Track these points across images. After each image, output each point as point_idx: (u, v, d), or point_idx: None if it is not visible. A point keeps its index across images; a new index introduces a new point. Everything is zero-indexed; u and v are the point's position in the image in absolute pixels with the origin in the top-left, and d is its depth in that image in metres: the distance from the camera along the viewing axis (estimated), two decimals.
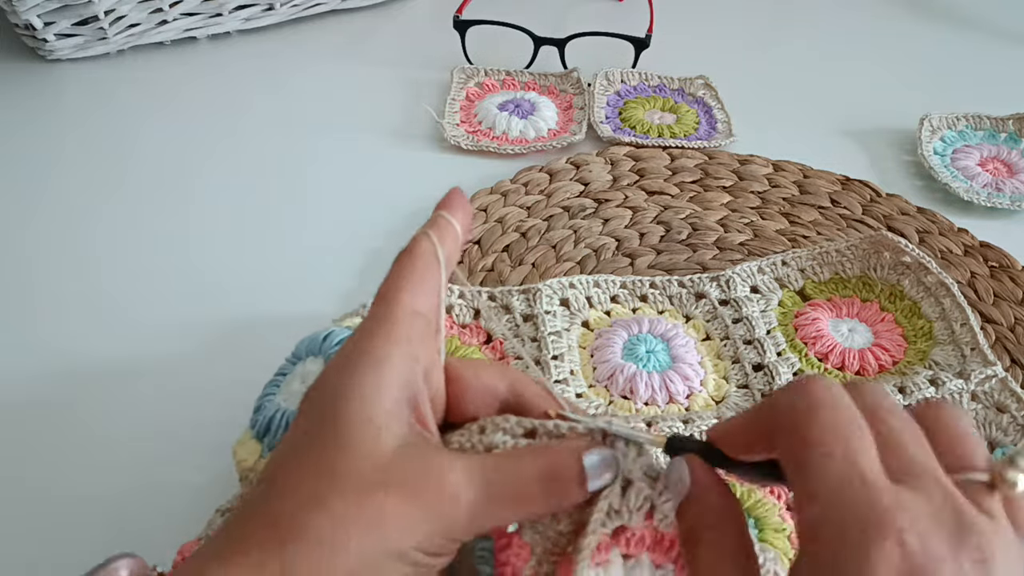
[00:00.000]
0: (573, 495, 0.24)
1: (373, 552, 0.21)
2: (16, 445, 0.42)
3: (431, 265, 0.27)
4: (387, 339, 0.24)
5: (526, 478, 0.24)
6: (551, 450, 0.25)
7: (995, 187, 0.58)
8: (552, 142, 0.62)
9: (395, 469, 0.22)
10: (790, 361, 0.45)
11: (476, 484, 0.23)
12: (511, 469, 0.24)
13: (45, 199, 0.57)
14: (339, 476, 0.22)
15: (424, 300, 0.26)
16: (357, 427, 0.23)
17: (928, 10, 0.82)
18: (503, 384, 0.27)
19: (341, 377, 0.24)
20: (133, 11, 0.69)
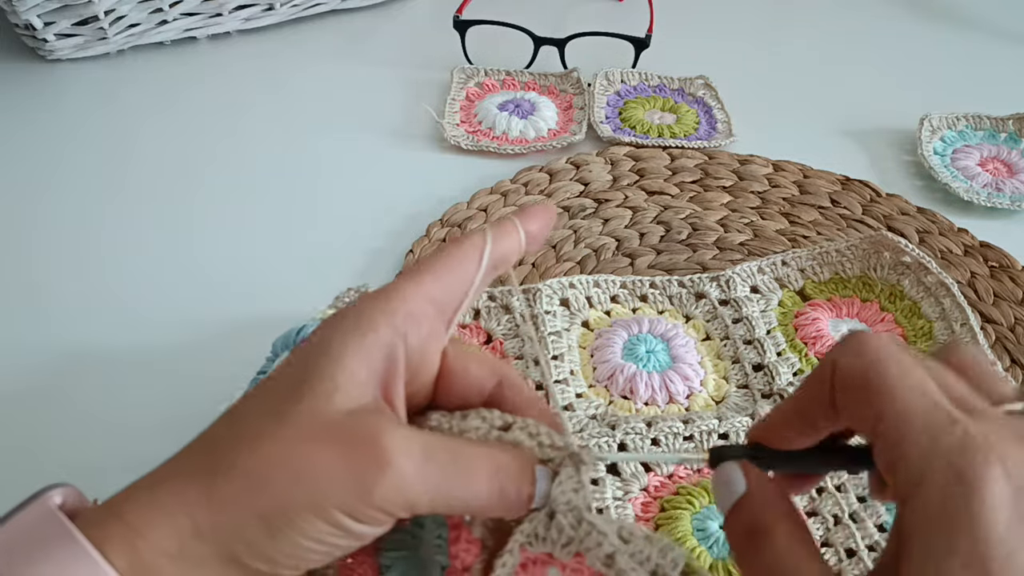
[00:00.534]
0: (518, 509, 0.24)
1: (292, 501, 0.21)
2: (16, 442, 0.42)
3: (468, 259, 0.26)
4: (382, 311, 0.24)
5: (473, 468, 0.23)
6: (511, 450, 0.24)
7: (995, 187, 0.58)
8: (552, 142, 0.62)
9: (336, 427, 0.22)
10: (790, 361, 0.45)
11: (414, 457, 0.22)
12: (459, 454, 0.23)
13: (45, 199, 0.57)
14: (282, 421, 0.22)
15: (444, 289, 0.26)
16: (317, 381, 0.23)
17: (928, 10, 0.82)
18: (491, 381, 0.27)
19: (325, 332, 0.24)
20: (133, 11, 0.69)
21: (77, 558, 0.20)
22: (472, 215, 0.55)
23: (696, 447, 0.41)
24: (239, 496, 0.21)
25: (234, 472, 0.22)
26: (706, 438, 0.41)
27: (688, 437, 0.41)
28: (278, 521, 0.21)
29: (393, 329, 0.24)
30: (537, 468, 0.24)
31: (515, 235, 0.27)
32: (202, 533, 0.21)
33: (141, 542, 0.21)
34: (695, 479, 0.39)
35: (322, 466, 0.22)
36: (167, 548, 0.21)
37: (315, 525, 0.21)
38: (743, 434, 0.41)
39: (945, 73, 0.72)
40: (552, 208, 0.29)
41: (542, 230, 0.28)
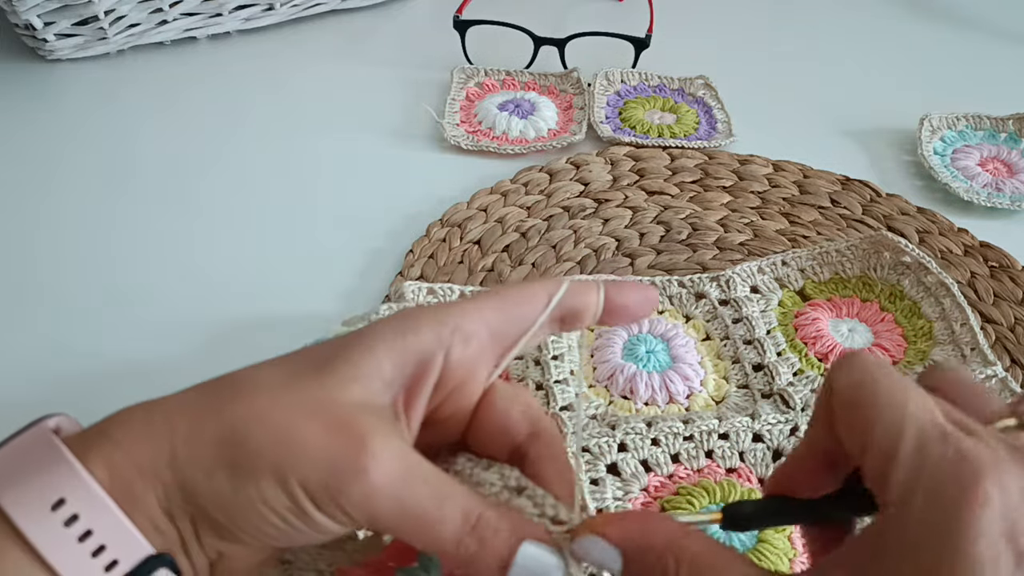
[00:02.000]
0: (486, 570, 0.22)
1: (262, 460, 0.21)
2: None
3: (536, 299, 0.25)
4: (432, 319, 0.24)
5: (447, 511, 0.22)
6: (496, 509, 0.23)
7: (995, 187, 0.58)
8: (552, 142, 0.62)
9: (335, 413, 0.22)
10: (790, 361, 0.45)
11: (391, 473, 0.21)
12: (439, 489, 0.22)
13: (45, 199, 0.57)
14: (290, 388, 0.23)
15: (503, 320, 0.25)
16: (341, 363, 0.23)
17: (928, 10, 0.82)
18: (526, 429, 0.26)
19: (374, 325, 0.24)
20: (133, 11, 0.69)
21: (60, 470, 0.21)
22: (472, 215, 0.55)
23: (696, 446, 0.41)
24: (218, 440, 0.22)
25: (221, 415, 0.22)
26: (706, 438, 0.41)
27: (688, 437, 0.41)
28: (243, 475, 0.21)
29: (437, 337, 0.24)
30: (525, 544, 0.22)
31: (593, 296, 0.26)
32: (175, 461, 0.22)
33: (120, 457, 0.22)
34: (695, 479, 0.40)
35: (304, 441, 0.22)
36: (141, 466, 0.22)
37: (275, 493, 0.21)
38: (743, 434, 0.41)
39: (945, 73, 0.72)
40: (653, 292, 0.27)
41: (632, 307, 0.27)
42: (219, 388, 0.23)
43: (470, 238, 0.53)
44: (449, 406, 0.25)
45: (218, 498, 0.22)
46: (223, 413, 0.22)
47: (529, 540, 0.22)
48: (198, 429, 0.22)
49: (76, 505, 0.21)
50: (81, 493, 0.21)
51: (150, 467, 0.22)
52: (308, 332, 0.39)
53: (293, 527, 0.22)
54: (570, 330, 0.27)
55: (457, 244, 0.53)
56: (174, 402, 0.23)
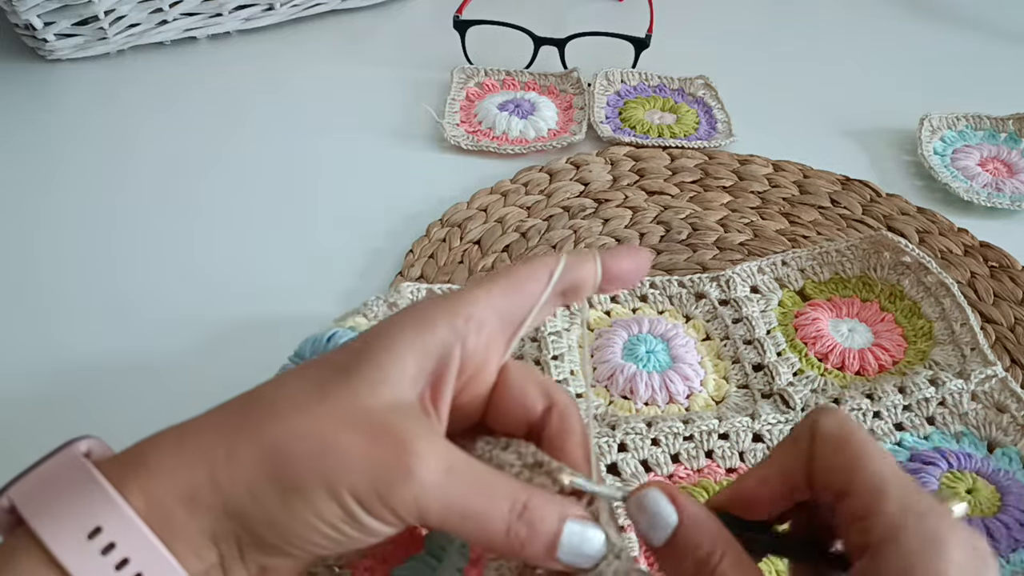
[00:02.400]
0: (535, 553, 0.23)
1: (309, 474, 0.21)
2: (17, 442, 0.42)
3: (536, 278, 0.26)
4: (445, 312, 0.24)
5: (495, 501, 0.23)
6: (538, 493, 0.23)
7: (995, 187, 0.58)
8: (552, 142, 0.62)
9: (373, 418, 0.22)
10: (790, 361, 0.45)
11: (438, 471, 0.22)
12: (484, 480, 0.23)
13: (45, 199, 0.57)
14: (322, 398, 0.23)
15: (510, 302, 0.25)
16: (366, 367, 0.23)
17: (928, 10, 0.82)
18: (542, 404, 0.26)
19: (384, 325, 0.24)
20: (133, 11, 0.69)
21: (95, 498, 0.21)
22: (472, 215, 0.55)
23: (696, 446, 0.41)
24: (260, 458, 0.22)
25: (260, 434, 0.22)
26: (706, 438, 0.41)
27: (688, 437, 0.41)
28: (291, 490, 0.21)
29: (453, 330, 0.24)
30: (569, 522, 0.23)
31: (590, 266, 0.27)
32: (217, 485, 0.21)
33: (157, 484, 0.21)
34: (695, 479, 0.40)
35: (347, 451, 0.22)
36: (181, 494, 0.21)
37: (327, 505, 0.22)
38: (743, 434, 0.41)
39: (945, 73, 0.72)
40: (645, 254, 0.28)
41: (627, 273, 0.27)
42: (248, 407, 0.23)
43: (470, 238, 0.53)
44: (467, 392, 0.26)
45: (267, 517, 0.22)
46: (261, 432, 0.22)
47: (572, 518, 0.23)
48: (237, 451, 0.22)
49: (113, 533, 0.21)
50: (118, 521, 0.21)
51: (190, 493, 0.21)
52: (308, 332, 0.38)
53: (345, 535, 0.22)
54: (573, 301, 0.27)
55: (457, 244, 0.53)
56: (205, 425, 0.23)
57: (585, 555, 0.23)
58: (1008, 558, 0.36)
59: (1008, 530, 0.36)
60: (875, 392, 0.43)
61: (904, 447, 0.41)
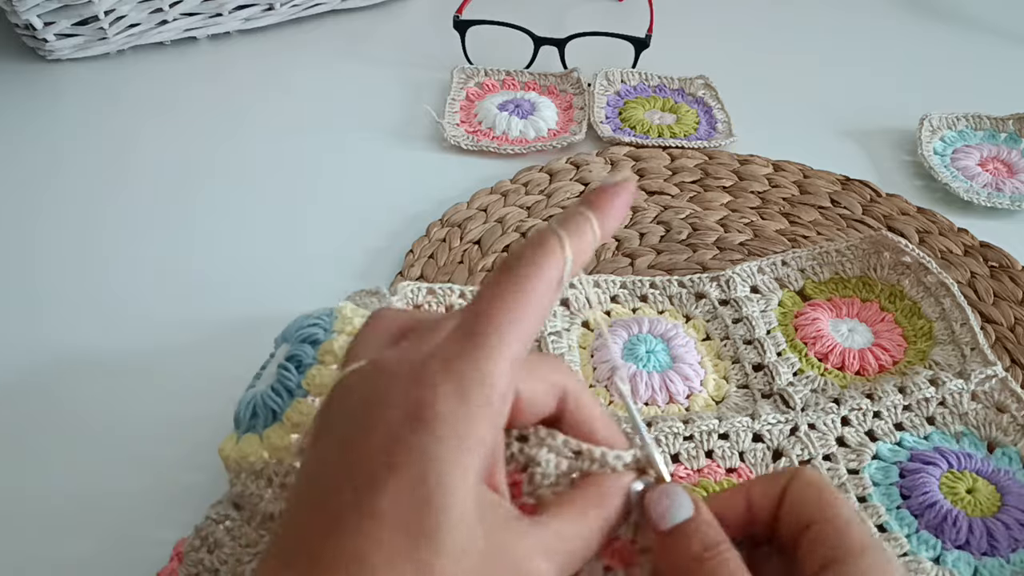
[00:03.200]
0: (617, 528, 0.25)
1: None
2: (14, 440, 0.42)
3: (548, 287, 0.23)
4: (484, 414, 0.21)
5: (592, 533, 0.24)
6: (606, 498, 0.24)
7: (995, 187, 0.58)
8: (552, 142, 0.62)
9: (486, 569, 0.21)
10: (790, 361, 0.45)
11: (556, 563, 0.23)
12: (581, 533, 0.24)
13: (45, 199, 0.57)
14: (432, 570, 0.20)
15: (526, 338, 0.23)
16: (450, 525, 0.20)
17: (928, 10, 0.82)
18: (552, 396, 0.25)
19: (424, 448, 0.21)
20: (133, 11, 0.69)
21: None
22: (472, 215, 0.55)
23: (696, 446, 0.41)
24: None
25: None
26: (706, 438, 0.41)
27: (688, 437, 0.41)
28: None
29: (495, 426, 0.22)
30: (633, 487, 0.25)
31: (590, 233, 0.24)
32: None
33: None
34: (695, 479, 0.39)
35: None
36: None
37: None
38: (743, 434, 0.41)
39: (945, 73, 0.72)
40: (629, 183, 0.25)
41: (613, 217, 0.25)
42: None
43: (470, 238, 0.53)
44: None
45: None
46: None
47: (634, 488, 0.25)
48: None
49: None
50: None
51: None
52: None
53: None
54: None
55: (457, 244, 0.53)
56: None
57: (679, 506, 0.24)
58: (1008, 558, 0.36)
59: (1008, 530, 0.36)
60: (875, 392, 0.43)
61: (904, 447, 0.41)
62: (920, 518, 0.37)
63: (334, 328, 0.34)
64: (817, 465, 0.40)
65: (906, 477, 0.39)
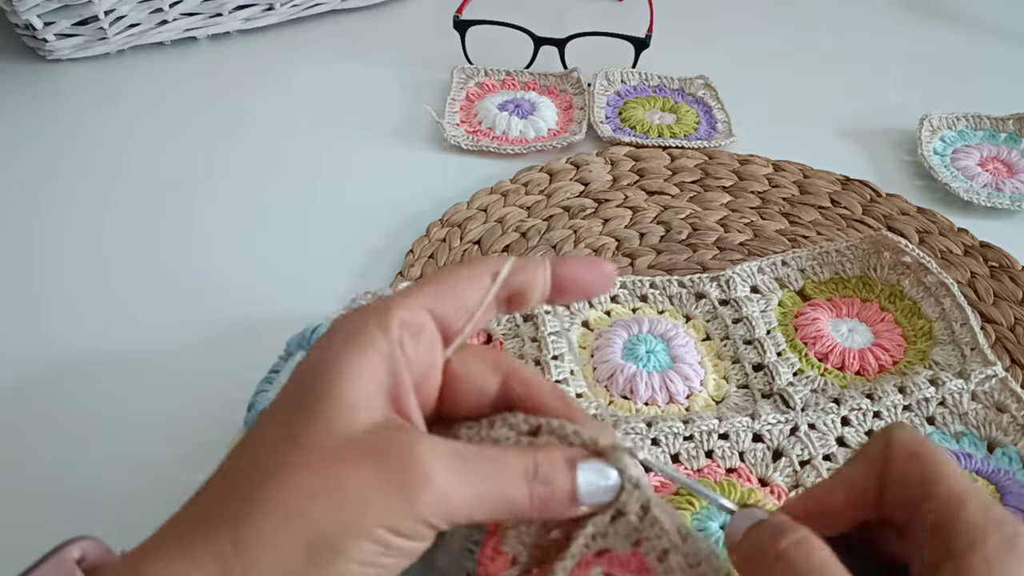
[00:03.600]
0: (560, 506, 0.23)
1: (333, 526, 0.21)
2: (14, 441, 0.42)
3: (478, 279, 0.25)
4: (377, 324, 0.24)
5: (509, 475, 0.23)
6: (542, 449, 0.24)
7: (995, 187, 0.58)
8: (552, 142, 0.62)
9: (364, 446, 0.22)
10: (790, 361, 0.45)
11: (450, 468, 0.22)
12: (491, 459, 0.23)
13: (45, 199, 0.57)
14: (303, 446, 0.22)
15: (446, 303, 0.25)
16: (329, 401, 0.22)
17: (928, 10, 0.82)
18: (495, 379, 0.26)
19: (325, 352, 0.23)
20: (133, 11, 0.69)
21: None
22: (472, 215, 0.55)
23: (696, 446, 0.41)
24: (274, 533, 0.20)
25: (264, 509, 0.21)
26: (706, 438, 0.41)
27: (688, 437, 0.41)
28: (322, 550, 0.20)
29: (388, 340, 0.24)
30: (581, 464, 0.23)
31: (539, 272, 0.26)
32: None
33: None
34: (695, 479, 0.39)
35: (360, 487, 0.21)
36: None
37: (362, 547, 0.21)
38: (743, 434, 0.41)
39: (945, 73, 0.72)
40: (605, 266, 0.27)
41: (580, 283, 0.26)
42: (233, 484, 0.22)
43: (470, 238, 0.53)
44: (418, 394, 0.25)
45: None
46: (263, 506, 0.21)
47: (582, 462, 0.23)
48: (243, 535, 0.20)
49: None
50: None
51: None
52: None
53: (385, 566, 0.22)
54: (517, 311, 0.27)
55: (457, 244, 0.53)
56: (196, 519, 0.22)
57: (605, 489, 0.23)
58: None
59: None
60: (875, 392, 0.43)
61: None
62: None
63: None
64: (817, 465, 0.40)
65: None
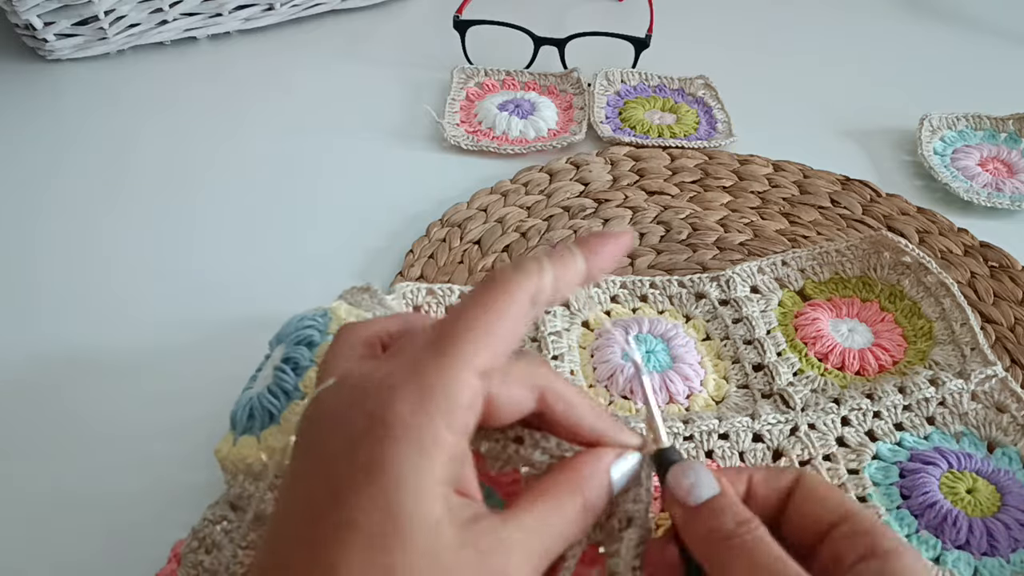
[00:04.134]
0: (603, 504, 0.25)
1: None
2: (13, 441, 0.42)
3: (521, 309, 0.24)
4: (449, 426, 0.22)
5: (570, 523, 0.24)
6: (585, 481, 0.24)
7: (995, 187, 0.58)
8: (552, 142, 0.62)
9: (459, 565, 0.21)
10: (790, 361, 0.45)
11: (533, 560, 0.23)
12: (557, 524, 0.23)
13: (45, 199, 0.57)
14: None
15: (500, 355, 0.23)
16: (415, 527, 0.21)
17: (929, 10, 0.82)
18: (531, 397, 0.25)
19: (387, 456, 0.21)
20: (133, 11, 0.69)
21: None
22: (472, 215, 0.55)
23: (696, 446, 0.41)
24: None
25: None
26: (706, 438, 0.41)
27: (688, 437, 0.41)
28: None
29: (458, 434, 0.22)
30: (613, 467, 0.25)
31: (573, 267, 0.25)
32: None
33: None
34: None
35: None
36: None
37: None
38: (743, 434, 0.41)
39: (945, 73, 0.72)
40: (626, 235, 0.26)
41: (605, 258, 0.26)
42: None
43: (470, 238, 0.53)
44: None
45: None
46: None
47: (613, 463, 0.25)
48: None
49: None
50: None
51: None
52: None
53: None
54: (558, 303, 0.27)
55: (457, 244, 0.53)
56: None
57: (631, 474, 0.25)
58: (1008, 558, 0.36)
59: (1008, 530, 0.36)
60: (875, 392, 0.43)
61: (904, 447, 0.41)
62: (920, 518, 0.37)
63: (329, 330, 0.34)
64: (817, 465, 0.40)
65: (906, 477, 0.39)
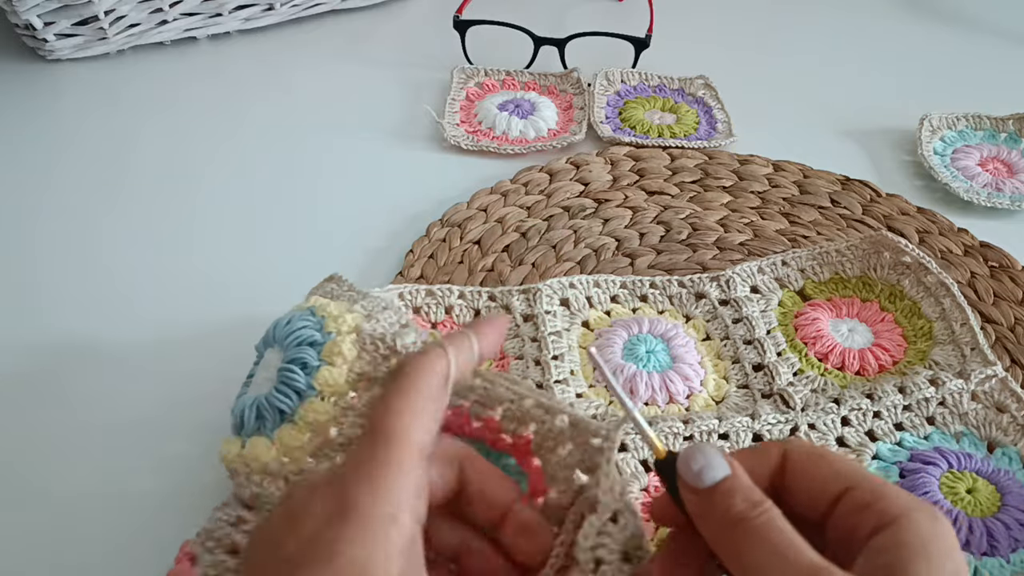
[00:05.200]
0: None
1: None
2: (15, 441, 0.42)
3: (437, 385, 0.27)
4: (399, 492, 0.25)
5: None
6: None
7: (995, 187, 0.58)
8: (552, 142, 0.62)
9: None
10: (790, 361, 0.45)
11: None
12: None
13: (45, 199, 0.57)
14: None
15: (427, 430, 0.26)
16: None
17: (929, 10, 0.82)
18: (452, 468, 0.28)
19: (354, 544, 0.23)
20: (133, 11, 0.69)
21: None
22: (472, 215, 0.55)
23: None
24: None
25: None
26: (706, 438, 0.41)
27: (688, 437, 0.41)
28: None
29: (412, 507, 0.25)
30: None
31: (468, 347, 0.29)
32: None
33: None
34: None
35: None
36: None
37: None
38: (743, 434, 0.41)
39: (945, 73, 0.72)
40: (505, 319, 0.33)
41: (494, 339, 0.30)
42: None
43: (470, 238, 0.53)
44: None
45: None
46: None
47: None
48: None
49: None
50: None
51: None
52: None
53: None
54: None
55: (457, 244, 0.53)
56: None
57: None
58: (1008, 558, 0.36)
59: (1008, 530, 0.36)
60: (875, 392, 0.43)
61: (904, 447, 0.41)
62: None
63: (327, 329, 0.34)
64: None
65: (906, 477, 0.39)
